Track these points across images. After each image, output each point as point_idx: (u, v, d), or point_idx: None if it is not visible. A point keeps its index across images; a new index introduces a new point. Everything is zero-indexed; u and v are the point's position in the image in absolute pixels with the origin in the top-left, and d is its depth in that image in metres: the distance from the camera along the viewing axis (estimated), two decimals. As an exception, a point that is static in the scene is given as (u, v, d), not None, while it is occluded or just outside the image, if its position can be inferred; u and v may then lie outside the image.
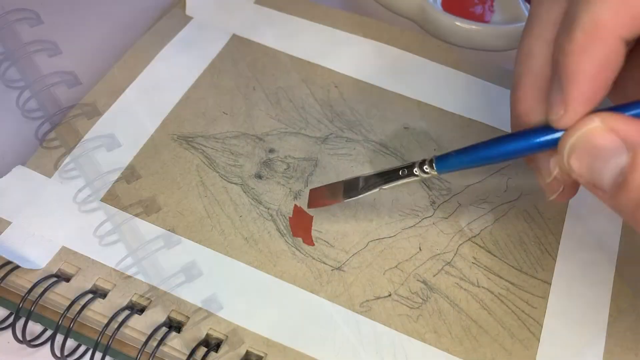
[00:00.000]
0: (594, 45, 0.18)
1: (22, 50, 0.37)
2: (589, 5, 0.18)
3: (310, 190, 0.29)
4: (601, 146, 0.19)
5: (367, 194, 0.26)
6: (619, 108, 0.19)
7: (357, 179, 0.26)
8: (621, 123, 0.18)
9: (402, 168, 0.24)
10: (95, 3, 0.40)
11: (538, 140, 0.21)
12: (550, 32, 0.20)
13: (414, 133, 0.32)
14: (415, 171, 0.24)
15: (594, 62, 0.18)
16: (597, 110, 0.19)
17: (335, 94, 0.34)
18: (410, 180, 0.24)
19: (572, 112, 0.19)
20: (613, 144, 0.18)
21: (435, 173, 0.24)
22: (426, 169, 0.24)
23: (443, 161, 0.23)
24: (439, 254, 0.28)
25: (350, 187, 0.26)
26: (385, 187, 0.25)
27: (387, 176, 0.25)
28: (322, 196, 0.28)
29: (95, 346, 0.25)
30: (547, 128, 0.20)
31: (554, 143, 0.20)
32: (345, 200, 0.27)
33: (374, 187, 0.25)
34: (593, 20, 0.18)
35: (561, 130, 0.20)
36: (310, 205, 0.28)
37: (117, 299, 0.26)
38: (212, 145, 0.31)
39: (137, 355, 0.24)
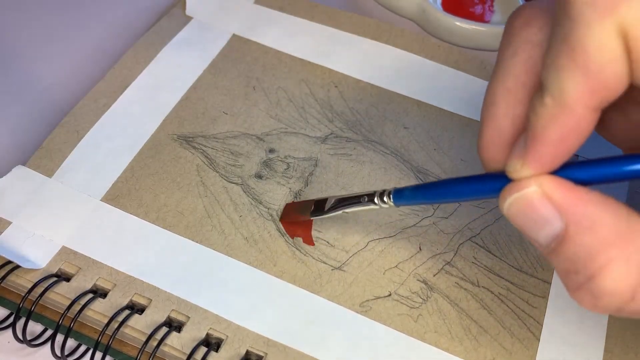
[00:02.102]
0: (561, 114, 0.18)
1: (23, 49, 0.37)
2: (557, 73, 0.18)
3: (287, 204, 0.29)
4: (535, 212, 0.19)
5: (331, 214, 0.27)
6: (570, 167, 0.19)
7: (325, 199, 0.27)
8: (558, 191, 0.19)
9: (364, 195, 0.26)
10: (95, 3, 0.40)
11: (492, 186, 0.21)
12: (512, 82, 0.20)
13: (414, 133, 0.32)
14: (375, 200, 0.25)
15: (559, 130, 0.18)
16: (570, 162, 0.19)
17: (335, 94, 0.34)
18: (370, 207, 0.25)
19: (527, 170, 0.19)
20: (547, 213, 0.19)
21: (392, 204, 0.24)
22: (385, 199, 0.25)
23: (400, 194, 0.24)
24: (439, 254, 0.28)
25: (319, 207, 0.27)
26: (348, 210, 0.26)
27: (352, 201, 0.26)
28: (295, 211, 0.28)
29: (96, 346, 0.25)
30: (505, 176, 0.20)
31: None
32: (312, 218, 0.27)
33: (338, 209, 0.26)
34: (560, 89, 0.18)
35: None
36: (282, 219, 0.29)
37: (117, 299, 0.26)
38: (212, 145, 0.31)
39: (137, 355, 0.24)
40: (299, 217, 0.28)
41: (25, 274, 0.26)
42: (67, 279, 0.26)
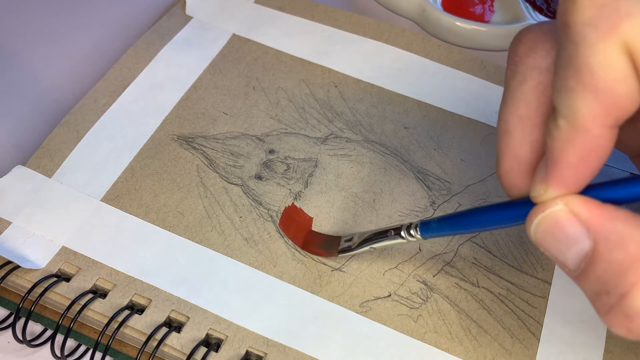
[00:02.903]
0: (577, 135, 0.18)
1: (23, 49, 0.37)
2: (567, 96, 0.18)
3: (310, 231, 0.28)
4: (563, 232, 0.19)
5: (358, 251, 0.26)
6: (596, 188, 0.19)
7: (352, 236, 0.27)
8: (585, 209, 0.18)
9: (390, 229, 0.25)
10: (95, 3, 0.40)
11: (518, 212, 0.21)
12: (524, 109, 0.20)
13: (414, 133, 0.32)
14: (402, 234, 0.25)
15: (577, 152, 0.18)
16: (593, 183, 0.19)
17: (335, 94, 0.34)
18: (397, 241, 0.25)
19: (551, 194, 0.19)
20: (575, 231, 0.18)
21: (420, 237, 0.24)
22: (412, 232, 0.25)
23: (426, 227, 0.24)
24: (438, 254, 0.28)
25: (346, 243, 0.27)
26: (375, 246, 0.26)
27: (379, 236, 0.26)
28: (319, 245, 0.28)
29: (95, 346, 0.25)
30: (530, 201, 0.20)
31: None
32: (340, 255, 0.27)
33: (366, 245, 0.26)
34: (573, 112, 0.18)
35: None
36: (304, 247, 0.28)
37: (117, 299, 0.26)
38: (212, 145, 0.31)
39: (137, 355, 0.24)
40: (324, 253, 0.28)
41: (25, 274, 0.26)
42: (67, 279, 0.26)
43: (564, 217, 0.19)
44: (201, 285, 0.26)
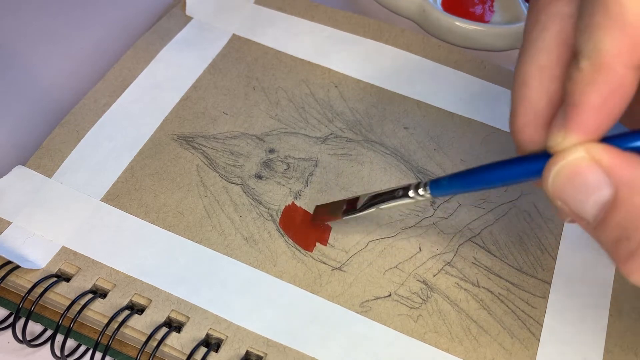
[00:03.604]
0: (600, 75, 0.17)
1: (23, 49, 0.37)
2: (591, 33, 0.17)
3: (316, 206, 0.29)
4: (583, 179, 0.18)
5: (364, 212, 0.26)
6: (615, 138, 0.19)
7: (357, 198, 0.27)
8: (606, 155, 0.18)
9: (398, 189, 0.25)
10: (95, 3, 0.40)
11: (534, 166, 0.20)
12: (545, 58, 0.20)
13: (414, 133, 0.32)
14: (410, 193, 0.24)
15: (600, 93, 0.17)
16: (606, 137, 0.19)
17: (335, 94, 0.34)
18: (405, 201, 0.25)
19: (571, 140, 0.18)
20: (596, 178, 0.18)
21: (429, 196, 0.24)
22: (420, 191, 0.24)
23: (437, 184, 0.24)
24: (439, 254, 0.28)
25: (351, 206, 0.27)
26: (382, 206, 0.26)
27: (385, 197, 0.25)
28: (325, 212, 0.28)
29: (95, 346, 0.25)
30: (545, 154, 0.19)
31: None
32: (344, 218, 0.27)
33: (372, 207, 0.26)
34: (597, 50, 0.17)
35: None
36: (313, 220, 0.28)
37: (117, 299, 0.26)
38: (212, 145, 0.31)
39: (137, 355, 0.24)
40: (330, 218, 0.27)
41: (25, 274, 0.26)
42: (67, 279, 0.26)
43: (585, 164, 0.18)
44: (201, 285, 0.26)
